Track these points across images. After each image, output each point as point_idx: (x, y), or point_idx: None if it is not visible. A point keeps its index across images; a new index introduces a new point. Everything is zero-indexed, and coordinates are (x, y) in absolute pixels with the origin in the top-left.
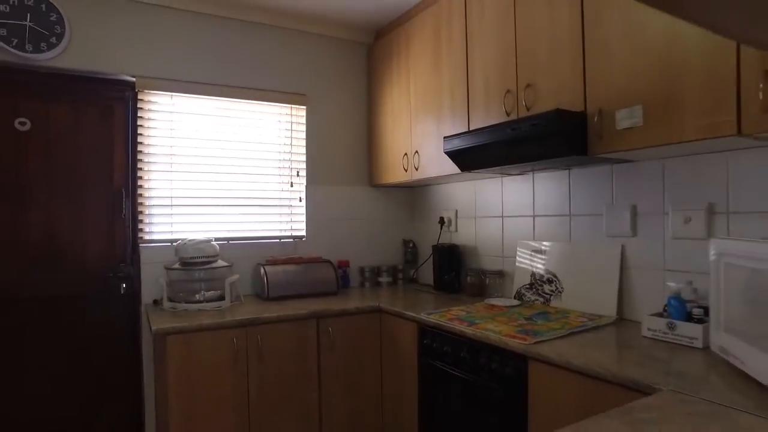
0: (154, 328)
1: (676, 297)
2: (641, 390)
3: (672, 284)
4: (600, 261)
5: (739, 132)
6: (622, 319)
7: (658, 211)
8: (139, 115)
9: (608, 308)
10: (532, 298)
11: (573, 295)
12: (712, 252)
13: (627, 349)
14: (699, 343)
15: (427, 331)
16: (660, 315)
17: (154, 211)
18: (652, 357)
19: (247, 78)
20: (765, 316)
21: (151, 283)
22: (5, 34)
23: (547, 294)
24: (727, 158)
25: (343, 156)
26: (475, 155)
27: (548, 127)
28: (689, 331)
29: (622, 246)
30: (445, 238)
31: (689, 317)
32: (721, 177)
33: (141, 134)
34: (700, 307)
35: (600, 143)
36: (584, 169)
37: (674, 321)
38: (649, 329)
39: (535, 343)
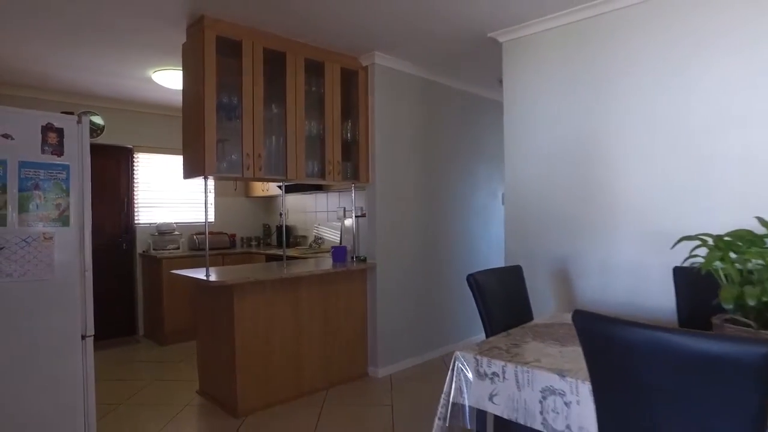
0: (159, 256)
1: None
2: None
3: (349, 236)
4: (335, 230)
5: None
6: None
7: (351, 209)
8: (134, 162)
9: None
10: (314, 246)
11: (327, 244)
12: (347, 222)
13: (324, 254)
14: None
15: (269, 257)
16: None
17: (141, 209)
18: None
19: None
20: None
21: (141, 244)
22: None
23: (319, 244)
24: (356, 190)
25: (232, 182)
26: (289, 187)
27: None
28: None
29: (342, 224)
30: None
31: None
32: (352, 197)
33: (135, 172)
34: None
35: (324, 188)
36: (334, 193)
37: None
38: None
39: (299, 255)
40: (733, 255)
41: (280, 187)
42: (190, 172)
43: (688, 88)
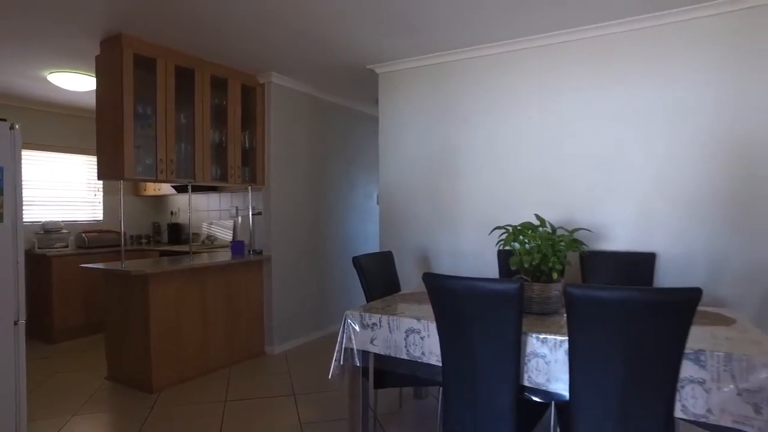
0: (49, 254)
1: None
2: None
3: (244, 233)
4: (227, 228)
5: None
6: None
7: (242, 208)
8: None
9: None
10: (207, 243)
11: (219, 241)
12: (240, 220)
13: (223, 250)
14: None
15: (162, 253)
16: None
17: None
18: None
19: (67, 140)
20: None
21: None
22: None
23: (212, 241)
24: (252, 191)
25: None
26: (181, 187)
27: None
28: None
29: (234, 222)
30: (173, 220)
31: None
32: (246, 197)
33: None
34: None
35: (217, 188)
36: (226, 193)
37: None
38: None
39: (197, 250)
40: (521, 237)
41: (175, 187)
42: (107, 174)
43: (508, 123)
